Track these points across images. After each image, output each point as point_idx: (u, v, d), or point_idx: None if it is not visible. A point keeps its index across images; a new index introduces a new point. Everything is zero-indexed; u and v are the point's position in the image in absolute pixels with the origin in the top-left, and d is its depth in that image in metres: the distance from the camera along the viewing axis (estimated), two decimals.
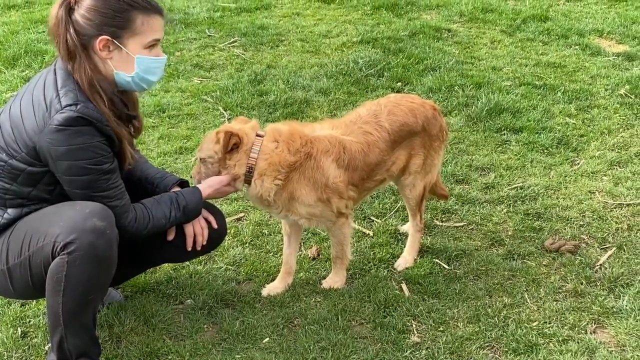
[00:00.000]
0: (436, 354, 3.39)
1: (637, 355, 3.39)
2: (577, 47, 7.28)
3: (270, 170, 3.45)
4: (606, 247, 4.21)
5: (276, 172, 3.45)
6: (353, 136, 3.62)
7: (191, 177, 3.80)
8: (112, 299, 3.73)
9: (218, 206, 4.62)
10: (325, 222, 3.72)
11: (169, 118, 5.96)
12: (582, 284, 3.87)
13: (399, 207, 4.59)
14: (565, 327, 3.57)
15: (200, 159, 3.56)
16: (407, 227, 4.26)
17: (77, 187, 2.97)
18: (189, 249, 3.42)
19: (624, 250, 4.17)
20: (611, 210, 4.58)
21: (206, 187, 3.47)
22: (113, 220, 2.97)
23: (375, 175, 3.73)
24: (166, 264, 4.03)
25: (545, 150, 5.34)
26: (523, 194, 4.74)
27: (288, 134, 3.52)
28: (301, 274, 4.03)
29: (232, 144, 3.42)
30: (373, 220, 4.54)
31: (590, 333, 3.54)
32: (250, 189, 3.54)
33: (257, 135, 3.50)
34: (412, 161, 3.86)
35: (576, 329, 3.56)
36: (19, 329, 3.55)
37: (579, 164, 5.16)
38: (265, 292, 3.86)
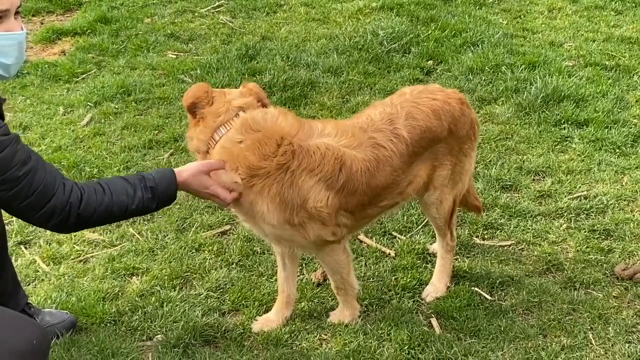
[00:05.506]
0: None
1: None
2: None
3: (230, 161, 3.41)
4: None
5: (235, 166, 3.41)
6: (360, 150, 3.57)
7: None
8: (58, 320, 3.76)
9: (197, 215, 4.70)
10: (303, 248, 3.69)
11: (135, 103, 5.99)
12: None
13: (427, 221, 4.61)
14: None
15: None
16: (437, 247, 4.29)
17: None
18: None
19: None
20: None
21: (182, 170, 3.31)
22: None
23: (382, 200, 3.71)
24: (131, 289, 4.06)
25: (617, 150, 5.35)
26: (588, 206, 4.76)
27: (267, 131, 3.42)
28: (303, 303, 4.05)
29: (189, 102, 3.41)
30: (395, 237, 4.57)
31: None
32: None
33: (238, 115, 3.46)
34: (437, 173, 3.86)
35: None
36: None
37: None
38: (257, 326, 3.89)
